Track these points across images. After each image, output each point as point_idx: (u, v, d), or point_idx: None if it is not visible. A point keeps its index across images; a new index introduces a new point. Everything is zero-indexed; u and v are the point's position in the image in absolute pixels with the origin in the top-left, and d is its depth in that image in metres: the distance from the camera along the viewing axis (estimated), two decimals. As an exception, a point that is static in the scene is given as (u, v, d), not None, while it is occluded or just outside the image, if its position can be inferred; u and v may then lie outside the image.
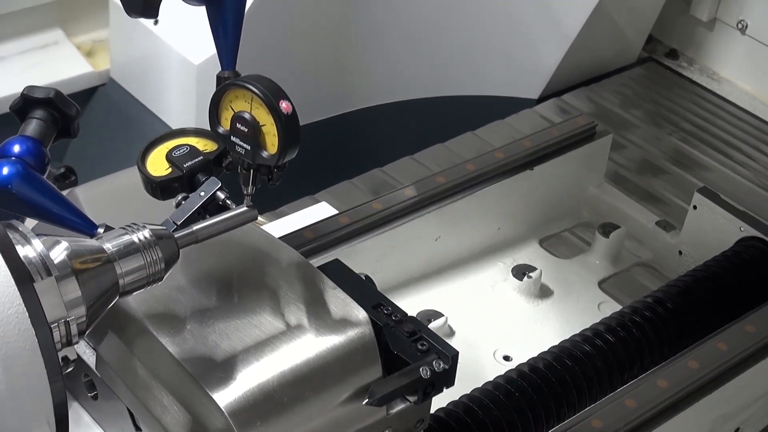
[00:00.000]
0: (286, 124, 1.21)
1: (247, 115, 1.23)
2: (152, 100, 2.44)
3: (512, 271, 1.89)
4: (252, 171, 1.26)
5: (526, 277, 1.87)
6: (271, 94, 1.21)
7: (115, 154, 2.47)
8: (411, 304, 1.81)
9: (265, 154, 1.24)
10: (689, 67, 2.73)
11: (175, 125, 2.40)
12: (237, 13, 1.32)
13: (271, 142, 1.23)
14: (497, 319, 1.84)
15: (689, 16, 2.70)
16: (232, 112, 1.25)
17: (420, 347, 1.27)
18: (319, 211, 1.88)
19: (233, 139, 1.25)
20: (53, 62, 2.50)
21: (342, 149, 2.60)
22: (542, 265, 1.92)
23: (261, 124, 1.23)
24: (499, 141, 2.35)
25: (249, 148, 1.24)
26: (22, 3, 2.48)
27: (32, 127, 1.30)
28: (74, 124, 1.33)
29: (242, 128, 1.24)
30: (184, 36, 2.27)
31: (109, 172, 2.42)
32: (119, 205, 1.48)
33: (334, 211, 1.87)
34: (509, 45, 2.60)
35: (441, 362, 1.26)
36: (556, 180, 1.99)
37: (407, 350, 1.26)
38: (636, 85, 2.65)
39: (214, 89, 1.34)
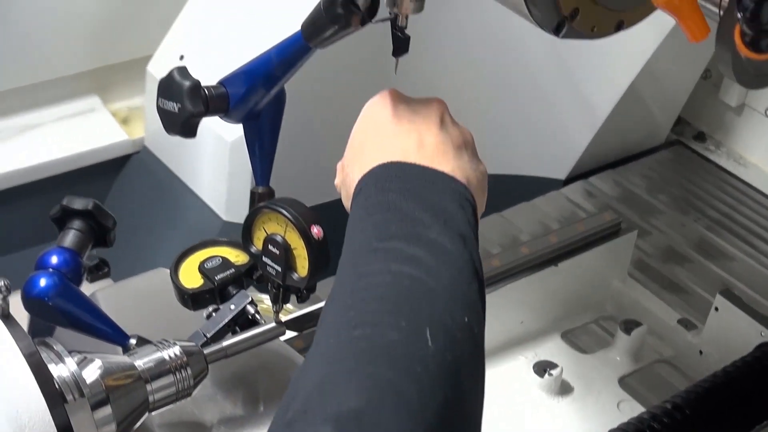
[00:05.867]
0: (317, 249, 1.24)
1: (279, 238, 1.26)
2: (185, 171, 2.47)
3: (534, 367, 1.92)
4: (281, 290, 1.29)
5: (547, 374, 1.89)
6: (304, 220, 1.24)
7: (145, 223, 2.50)
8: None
9: (295, 276, 1.27)
10: (716, 151, 2.76)
11: (206, 198, 2.44)
12: (273, 132, 1.36)
13: (302, 264, 1.26)
14: (516, 415, 1.86)
15: (718, 100, 2.73)
16: (265, 234, 1.28)
17: None
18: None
19: (265, 259, 1.28)
20: (89, 129, 2.54)
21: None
22: (563, 360, 1.95)
23: (292, 247, 1.26)
24: (525, 224, 2.39)
25: (280, 269, 1.27)
26: (61, 71, 2.53)
27: (70, 238, 1.33)
28: (111, 235, 1.36)
29: (274, 250, 1.27)
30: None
31: (138, 241, 2.47)
32: (145, 307, 1.51)
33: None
34: (539, 125, 2.63)
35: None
36: (580, 275, 2.01)
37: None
38: (663, 168, 2.67)
39: (247, 165, 1.38)
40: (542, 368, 1.91)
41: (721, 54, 1.06)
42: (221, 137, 2.29)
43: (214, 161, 2.39)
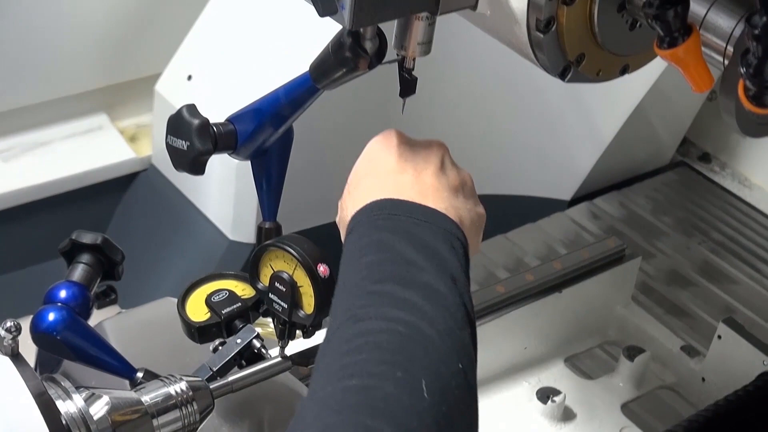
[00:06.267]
0: (323, 287, 1.26)
1: (285, 275, 1.28)
2: (191, 190, 2.49)
3: (537, 393, 1.92)
4: (288, 326, 1.31)
5: (550, 400, 1.90)
6: (310, 258, 1.26)
7: (152, 241, 2.52)
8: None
9: (301, 313, 1.28)
10: (721, 172, 2.77)
11: (213, 217, 2.45)
12: (280, 168, 1.37)
13: (308, 302, 1.28)
14: (520, 442, 1.88)
15: (724, 121, 2.73)
16: (272, 271, 1.29)
17: None
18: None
19: (271, 296, 1.30)
20: (97, 147, 2.56)
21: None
22: (566, 386, 1.96)
23: (299, 285, 1.27)
24: (530, 246, 2.40)
25: (286, 306, 1.28)
26: (70, 89, 2.54)
27: (78, 272, 1.34)
28: (119, 268, 1.38)
29: (280, 287, 1.28)
30: (226, 131, 2.32)
31: (145, 259, 2.49)
32: (152, 338, 1.52)
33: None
34: (545, 146, 2.64)
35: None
36: (583, 301, 2.02)
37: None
38: (667, 190, 2.68)
39: (253, 186, 1.39)
40: (545, 395, 1.92)
41: (724, 103, 1.07)
42: (228, 157, 2.30)
43: (220, 180, 2.40)
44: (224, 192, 2.42)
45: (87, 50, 2.52)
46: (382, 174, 1.15)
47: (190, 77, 2.44)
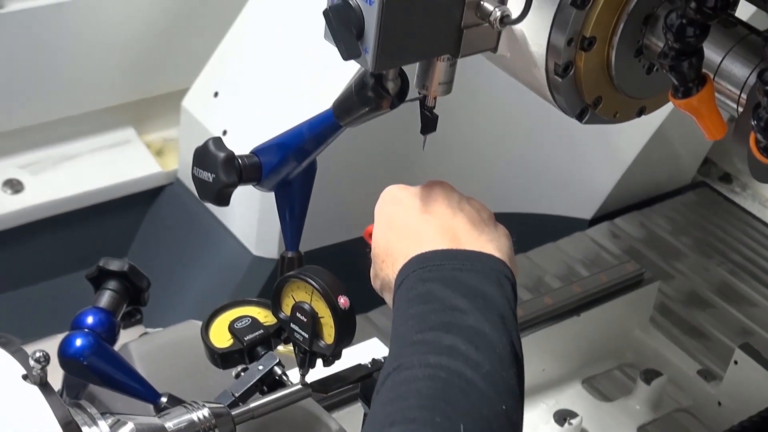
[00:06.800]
0: (343, 318, 1.28)
1: (306, 306, 1.30)
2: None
3: (554, 415, 1.95)
4: (308, 355, 1.34)
5: (567, 423, 1.92)
6: (330, 290, 1.28)
7: (176, 255, 2.55)
8: (454, 445, 1.87)
9: (321, 343, 1.31)
10: (742, 193, 2.78)
11: (237, 232, 2.48)
12: (303, 199, 1.40)
13: (328, 333, 1.30)
14: (536, 464, 1.90)
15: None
16: (293, 301, 1.32)
17: None
18: (371, 348, 1.94)
19: (293, 325, 1.32)
20: (124, 161, 2.59)
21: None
22: (583, 408, 1.98)
23: (319, 315, 1.30)
24: (549, 265, 2.42)
25: (307, 336, 1.31)
26: (97, 104, 2.58)
27: (105, 298, 1.37)
28: (144, 295, 1.41)
29: (301, 317, 1.31)
30: (250, 148, 2.35)
31: (169, 272, 2.52)
32: (176, 361, 1.55)
33: (386, 351, 1.93)
34: (566, 165, 2.66)
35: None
36: (602, 324, 2.05)
37: None
38: (687, 211, 2.70)
39: (275, 202, 1.42)
40: (562, 417, 1.94)
41: (737, 150, 1.09)
42: (253, 175, 2.33)
43: (244, 196, 2.41)
44: (249, 207, 2.44)
45: (115, 65, 2.56)
46: (409, 233, 1.17)
47: (216, 94, 2.48)
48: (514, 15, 1.13)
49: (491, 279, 1.09)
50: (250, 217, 2.45)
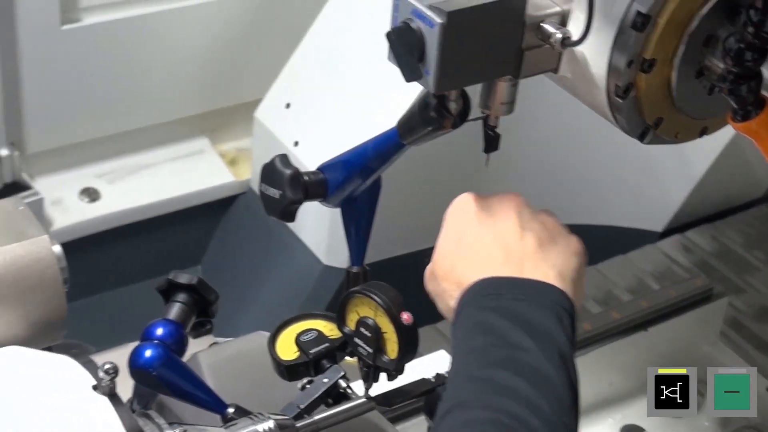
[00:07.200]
0: (406, 334, 1.30)
1: (370, 321, 1.32)
2: (288, 214, 2.55)
3: (620, 430, 1.95)
4: (372, 369, 1.36)
5: (633, 438, 1.93)
6: (394, 306, 1.30)
7: (247, 263, 2.59)
8: (519, 458, 1.88)
9: (385, 358, 1.33)
10: (817, 206, 2.76)
11: (308, 241, 2.51)
12: (369, 215, 1.42)
13: (392, 348, 1.32)
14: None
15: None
16: (358, 316, 1.34)
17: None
18: (438, 360, 1.96)
19: (357, 340, 1.34)
20: (197, 170, 2.64)
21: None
22: (650, 423, 1.98)
23: (383, 331, 1.32)
24: (619, 278, 2.42)
25: (371, 351, 1.33)
26: (173, 114, 2.63)
27: (174, 310, 1.40)
28: (212, 308, 1.44)
29: (365, 332, 1.33)
30: (321, 159, 2.38)
31: (240, 280, 2.56)
32: (243, 371, 1.58)
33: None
34: (637, 177, 2.66)
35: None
36: (670, 339, 2.04)
37: None
38: (760, 224, 2.68)
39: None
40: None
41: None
42: (324, 185, 2.36)
43: (316, 206, 2.46)
44: (319, 217, 2.47)
45: (190, 77, 2.61)
46: (473, 252, 1.17)
47: (288, 105, 2.51)
48: (575, 37, 1.14)
49: (551, 313, 1.09)
50: (321, 227, 2.48)
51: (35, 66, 2.41)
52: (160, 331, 1.38)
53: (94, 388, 1.20)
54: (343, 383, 1.40)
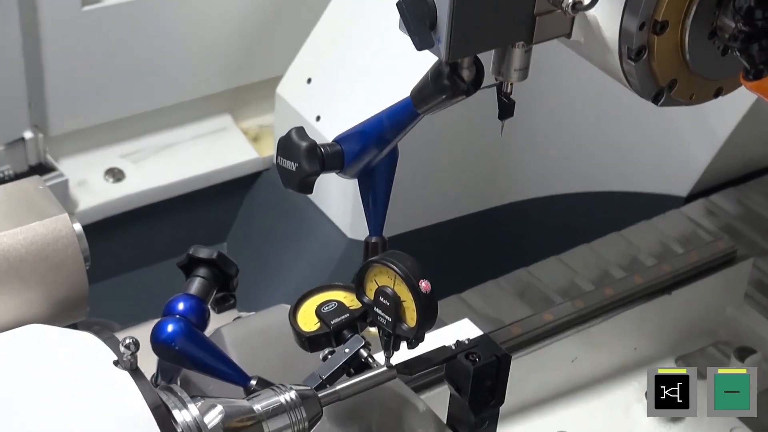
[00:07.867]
0: (425, 302, 1.31)
1: (389, 290, 1.33)
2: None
3: (647, 394, 1.95)
4: (392, 338, 1.37)
5: (659, 402, 1.92)
6: (412, 275, 1.31)
7: (272, 238, 2.60)
8: (545, 424, 1.89)
9: (404, 326, 1.33)
10: (843, 167, 2.74)
11: (332, 215, 2.52)
12: (386, 185, 1.43)
13: (411, 316, 1.33)
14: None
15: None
16: (377, 285, 1.35)
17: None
18: (463, 329, 1.96)
19: (376, 309, 1.35)
20: (221, 147, 2.65)
21: (489, 243, 2.68)
22: (676, 388, 1.98)
23: (402, 299, 1.33)
24: (644, 244, 2.41)
25: (390, 319, 1.34)
26: (195, 93, 2.64)
27: (195, 285, 1.41)
28: (233, 282, 1.45)
29: (384, 301, 1.34)
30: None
31: (265, 255, 2.57)
32: (266, 344, 1.59)
33: (478, 331, 1.95)
34: (660, 142, 2.65)
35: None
36: (694, 303, 2.04)
37: None
38: (786, 186, 2.67)
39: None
40: (654, 396, 1.94)
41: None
42: (346, 158, 2.37)
43: (339, 180, 2.46)
44: (344, 191, 2.48)
45: (212, 55, 2.61)
46: None
47: (309, 80, 2.52)
48: (586, 1, 1.14)
49: None
50: (345, 200, 2.49)
51: (57, 48, 2.42)
52: (181, 306, 1.39)
53: (115, 363, 1.21)
54: (364, 353, 1.40)
